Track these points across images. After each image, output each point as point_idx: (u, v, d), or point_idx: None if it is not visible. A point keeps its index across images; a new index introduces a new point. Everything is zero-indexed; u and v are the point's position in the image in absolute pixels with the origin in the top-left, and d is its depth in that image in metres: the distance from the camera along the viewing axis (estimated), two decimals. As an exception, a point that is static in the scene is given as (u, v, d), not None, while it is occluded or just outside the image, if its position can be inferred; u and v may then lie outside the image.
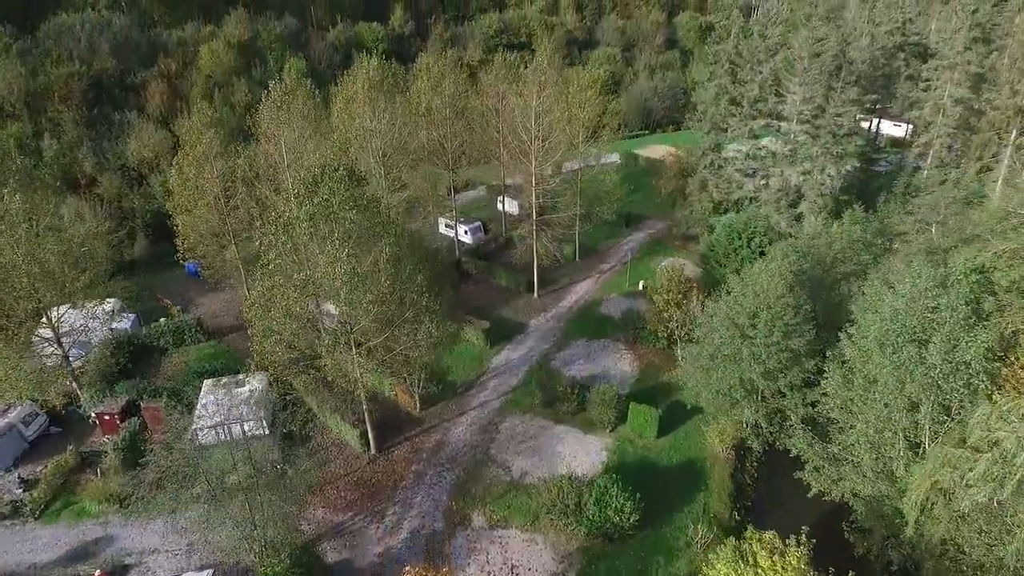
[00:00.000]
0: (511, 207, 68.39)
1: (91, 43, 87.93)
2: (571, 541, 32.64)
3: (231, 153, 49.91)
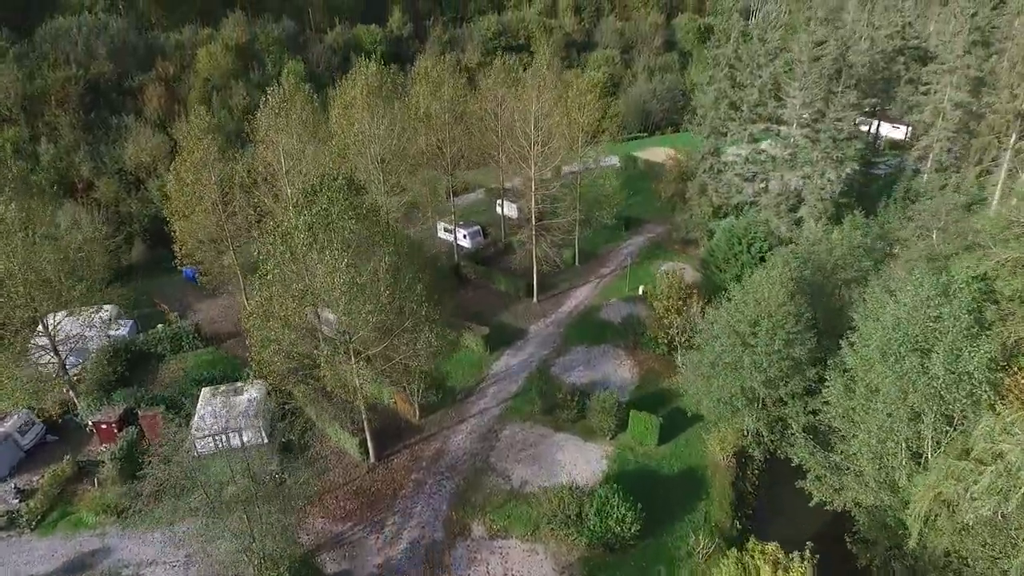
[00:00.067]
0: (510, 211, 68.17)
1: (88, 46, 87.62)
2: (572, 551, 32.44)
3: (229, 158, 49.66)
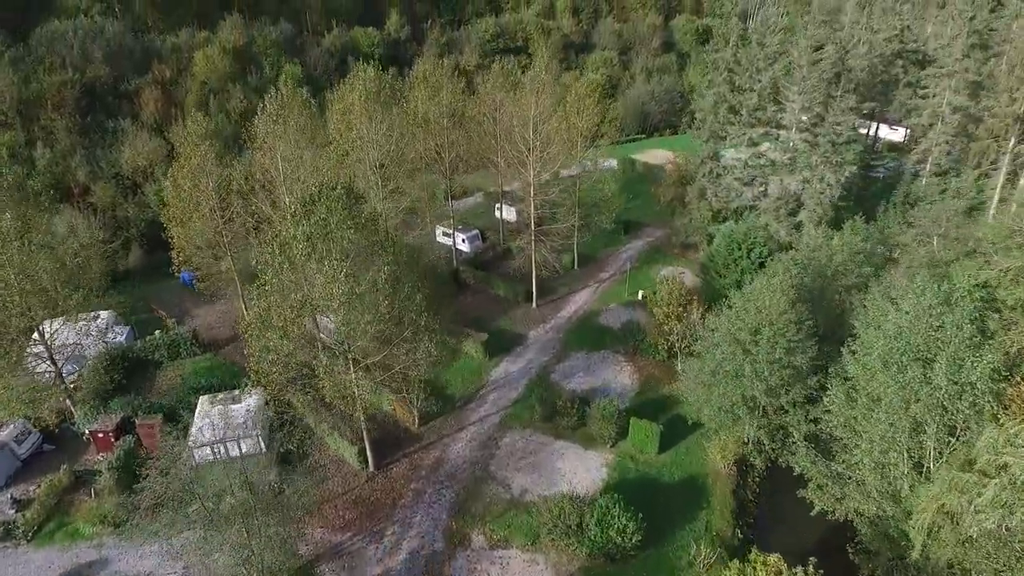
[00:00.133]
0: (509, 214, 67.99)
1: (84, 50, 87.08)
2: (572, 561, 32.27)
3: (226, 164, 49.39)
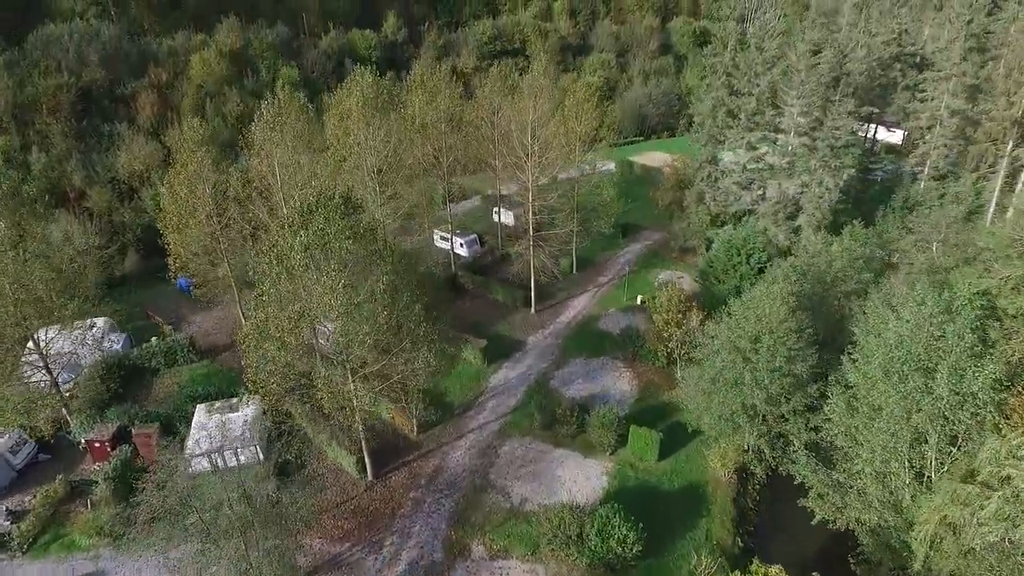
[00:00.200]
0: (507, 218, 67.80)
1: (79, 53, 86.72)
2: (573, 572, 32.01)
3: (223, 170, 49.12)
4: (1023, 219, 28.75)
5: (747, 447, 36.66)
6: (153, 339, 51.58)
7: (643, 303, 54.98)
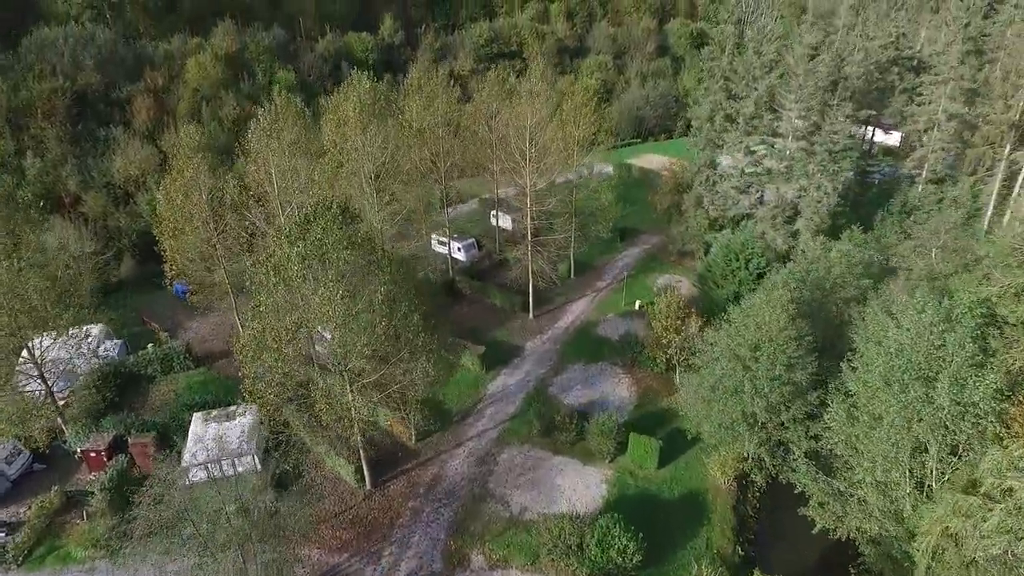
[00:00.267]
0: (504, 222, 67.64)
1: (75, 57, 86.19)
2: (573, 582, 31.91)
3: (219, 176, 48.81)
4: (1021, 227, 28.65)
5: (747, 455, 36.52)
6: (149, 346, 51.32)
7: (641, 308, 54.86)
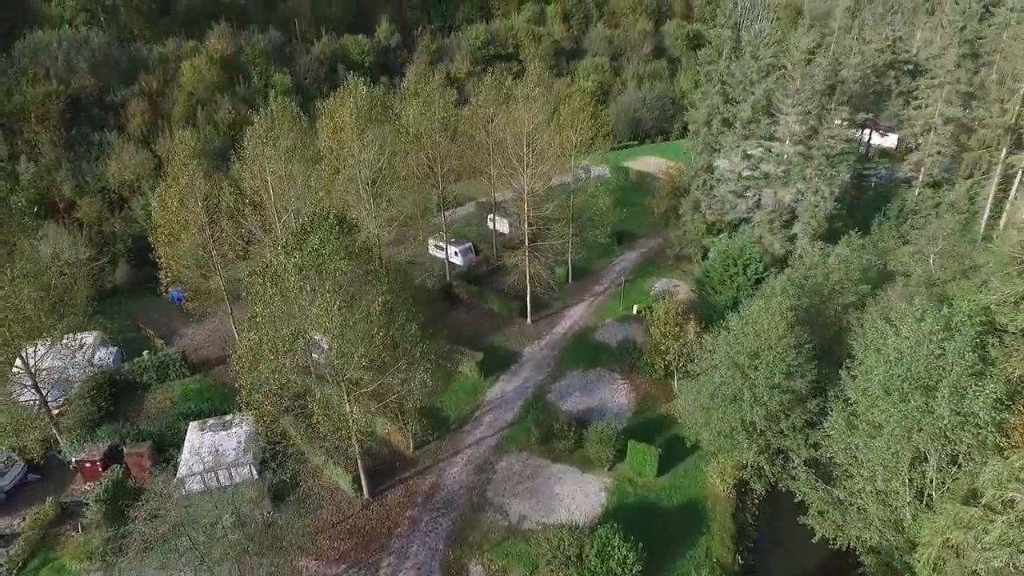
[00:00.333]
0: (501, 226, 67.45)
1: (68, 61, 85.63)
2: (572, 592, 31.73)
3: (215, 183, 48.46)
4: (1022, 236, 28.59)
5: (746, 463, 36.41)
6: (145, 353, 50.94)
7: (639, 313, 54.76)
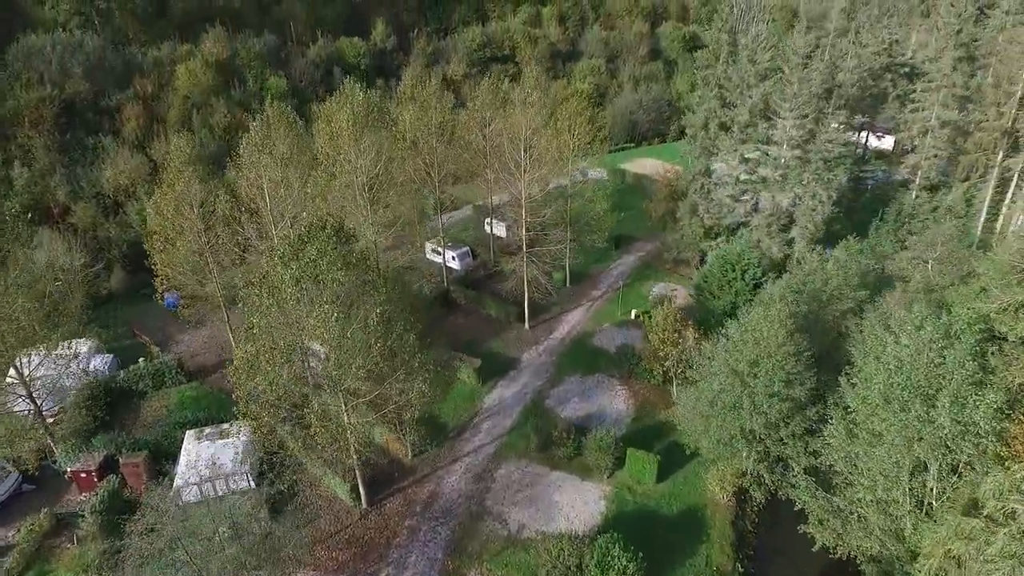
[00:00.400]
0: (499, 230, 67.26)
1: (63, 65, 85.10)
2: (572, 603, 31.56)
3: (212, 189, 48.14)
4: (1022, 245, 28.55)
5: (746, 471, 36.31)
6: (140, 360, 50.62)
7: (637, 317, 54.69)
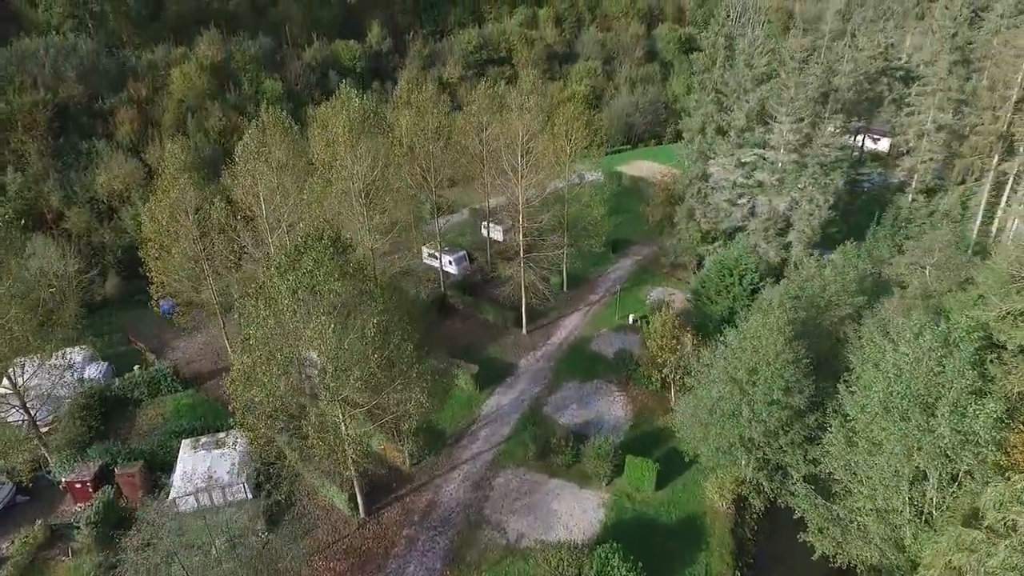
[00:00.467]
0: (496, 233, 67.10)
1: (56, 68, 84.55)
2: (572, 613, 31.43)
3: (207, 197, 47.83)
4: (1021, 254, 28.53)
5: (745, 478, 36.22)
6: (136, 368, 50.32)
7: (635, 322, 54.60)
